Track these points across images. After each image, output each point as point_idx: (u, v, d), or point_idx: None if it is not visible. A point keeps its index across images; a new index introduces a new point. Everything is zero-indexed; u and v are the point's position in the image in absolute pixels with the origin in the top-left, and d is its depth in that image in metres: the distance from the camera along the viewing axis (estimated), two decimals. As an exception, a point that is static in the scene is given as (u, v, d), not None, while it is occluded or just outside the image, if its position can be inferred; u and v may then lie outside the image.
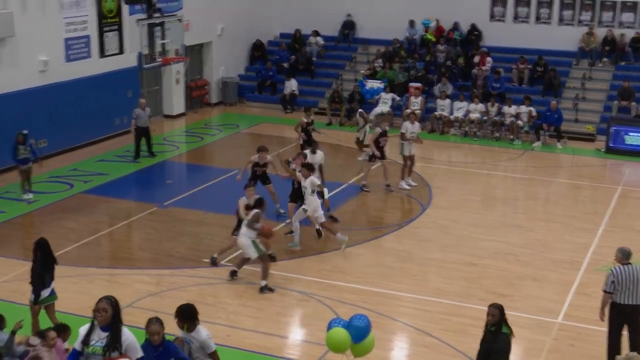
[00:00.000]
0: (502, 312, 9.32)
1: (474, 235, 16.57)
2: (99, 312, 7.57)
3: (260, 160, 17.02)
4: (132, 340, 7.70)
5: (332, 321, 9.64)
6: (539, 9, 28.17)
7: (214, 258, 14.77)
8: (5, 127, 19.17)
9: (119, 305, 7.71)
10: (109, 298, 7.68)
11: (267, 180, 17.23)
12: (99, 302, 7.65)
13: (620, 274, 10.78)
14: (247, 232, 13.71)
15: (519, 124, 24.45)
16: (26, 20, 20.40)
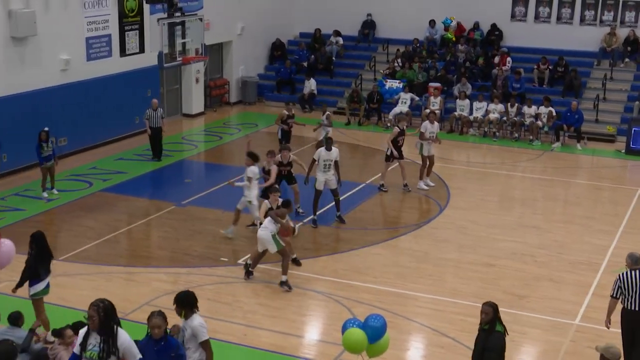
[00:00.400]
0: (496, 310, 9.30)
1: (492, 236, 16.52)
2: (89, 318, 7.58)
3: (283, 160, 17.01)
4: (128, 344, 7.67)
5: (347, 321, 9.64)
6: (561, 9, 28.02)
7: (248, 264, 14.43)
8: (27, 126, 19.33)
9: (111, 308, 7.63)
10: (97, 304, 7.59)
11: (293, 180, 17.22)
12: (89, 307, 7.62)
13: (626, 280, 10.69)
14: (269, 226, 13.72)
15: (539, 125, 24.33)
16: (48, 19, 20.56)
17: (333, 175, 16.89)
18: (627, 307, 10.77)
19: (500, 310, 9.67)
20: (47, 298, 12.64)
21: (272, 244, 13.70)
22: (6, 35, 19.56)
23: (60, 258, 14.99)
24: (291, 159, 17.12)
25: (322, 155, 16.85)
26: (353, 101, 26.58)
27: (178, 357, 8.27)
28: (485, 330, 9.30)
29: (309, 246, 15.94)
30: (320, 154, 16.89)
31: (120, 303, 12.99)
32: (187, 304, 8.78)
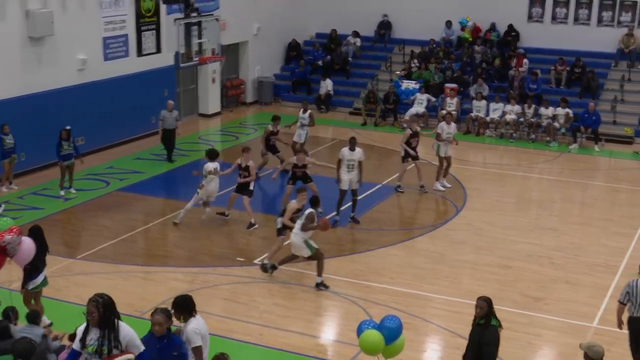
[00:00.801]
0: (490, 304, 9.33)
1: (508, 238, 16.47)
2: (88, 314, 7.47)
3: (298, 162, 17.04)
4: (132, 337, 7.60)
5: (362, 323, 9.63)
6: (578, 10, 27.89)
7: (265, 265, 14.48)
8: (44, 125, 19.44)
9: (110, 303, 7.53)
10: (96, 300, 7.47)
11: (309, 179, 17.25)
12: (87, 303, 7.50)
13: (635, 287, 10.63)
14: (300, 232, 13.69)
15: (556, 126, 24.23)
16: (66, 19, 20.67)
17: (356, 176, 16.88)
18: (633, 314, 10.72)
19: (516, 312, 9.69)
20: (64, 296, 12.76)
21: (305, 249, 13.66)
22: (24, 35, 19.67)
23: (78, 257, 15.09)
24: (307, 162, 17.14)
25: (346, 155, 16.84)
26: (369, 102, 26.56)
27: (180, 356, 8.11)
28: (481, 325, 9.34)
29: (325, 247, 15.85)
30: (344, 154, 16.87)
31: (138, 302, 13.10)
32: (185, 308, 8.56)
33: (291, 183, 17.12)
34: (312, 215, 13.69)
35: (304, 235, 13.66)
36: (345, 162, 16.82)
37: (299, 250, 13.77)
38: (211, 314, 12.83)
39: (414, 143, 19.02)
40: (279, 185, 20.18)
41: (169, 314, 8.14)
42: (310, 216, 13.66)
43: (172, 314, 8.28)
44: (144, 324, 12.19)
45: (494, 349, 9.23)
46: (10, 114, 19.17)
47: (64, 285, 13.76)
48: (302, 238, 13.65)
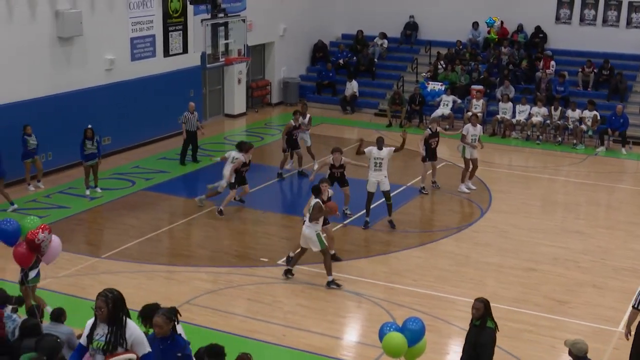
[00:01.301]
0: (487, 306, 9.30)
1: (534, 241, 16.36)
2: (97, 309, 7.30)
3: (335, 162, 16.93)
4: (138, 335, 7.40)
5: (383, 325, 9.57)
6: (607, 12, 27.65)
7: (289, 257, 14.67)
8: (72, 124, 19.58)
9: (120, 299, 7.36)
10: (106, 295, 7.30)
11: (345, 182, 17.13)
12: (96, 298, 7.33)
13: None
14: (312, 224, 13.76)
15: (583, 129, 24.04)
16: (94, 19, 20.84)
17: (385, 177, 16.72)
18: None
19: (540, 316, 9.62)
20: (89, 295, 12.80)
21: (316, 242, 13.69)
22: (53, 35, 19.86)
23: (103, 256, 15.21)
24: (343, 162, 16.95)
25: (374, 153, 16.71)
26: (395, 103, 26.51)
27: (185, 357, 7.97)
28: (477, 326, 9.32)
29: (348, 248, 15.93)
30: (372, 153, 16.74)
31: (162, 301, 13.06)
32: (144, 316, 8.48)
33: (329, 184, 16.88)
34: (318, 204, 13.76)
35: (317, 227, 13.73)
36: (373, 161, 16.68)
37: (308, 242, 13.78)
38: (234, 314, 12.92)
39: (433, 143, 18.96)
40: (299, 186, 20.23)
41: (170, 316, 7.97)
42: (317, 206, 13.72)
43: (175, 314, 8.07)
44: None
45: (490, 351, 9.21)
46: (39, 113, 19.37)
47: (89, 284, 13.87)
48: (314, 230, 13.70)
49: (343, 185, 17.15)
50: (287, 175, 20.35)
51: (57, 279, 13.72)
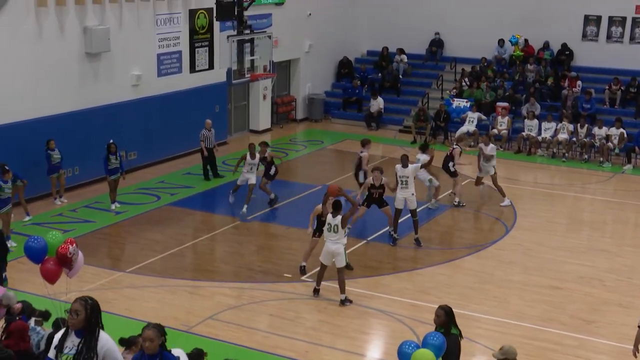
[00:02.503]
0: (449, 313, 9.28)
1: (559, 259, 16.23)
2: (71, 314, 6.67)
3: (375, 182, 16.67)
4: (110, 348, 6.79)
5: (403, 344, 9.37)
6: (634, 29, 27.48)
7: (303, 267, 14.97)
8: (99, 139, 19.73)
9: (97, 308, 6.80)
10: (85, 299, 6.75)
11: (384, 203, 16.83)
12: (73, 302, 6.76)
13: None
14: (341, 239, 13.81)
15: (610, 146, 23.85)
16: (122, 35, 21.06)
17: (412, 195, 16.70)
18: None
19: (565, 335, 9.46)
20: (113, 309, 12.90)
21: (343, 258, 13.79)
22: (81, 51, 20.09)
23: (128, 270, 15.28)
24: (383, 182, 16.70)
25: (398, 171, 16.79)
26: (419, 120, 26.48)
27: None
28: (441, 334, 9.18)
29: (372, 264, 15.89)
30: (397, 171, 16.84)
31: (185, 316, 13.22)
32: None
33: (366, 205, 16.86)
34: (344, 219, 13.83)
35: (345, 241, 13.87)
36: (399, 179, 16.75)
37: (332, 258, 13.83)
38: (257, 330, 12.92)
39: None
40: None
41: (162, 330, 7.37)
42: (343, 220, 13.78)
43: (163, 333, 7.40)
44: (191, 338, 12.34)
45: (456, 358, 9.11)
46: (67, 128, 19.58)
47: (113, 297, 13.94)
48: (343, 245, 13.81)
49: (382, 206, 16.86)
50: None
51: (81, 293, 13.74)
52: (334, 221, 13.80)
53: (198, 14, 23.42)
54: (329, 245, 13.85)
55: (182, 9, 22.93)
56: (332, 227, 13.81)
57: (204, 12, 23.52)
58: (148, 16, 21.93)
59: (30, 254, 10.44)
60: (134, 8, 21.46)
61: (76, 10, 19.84)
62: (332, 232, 13.83)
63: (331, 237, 13.84)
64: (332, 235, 13.82)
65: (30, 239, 10.51)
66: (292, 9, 27.27)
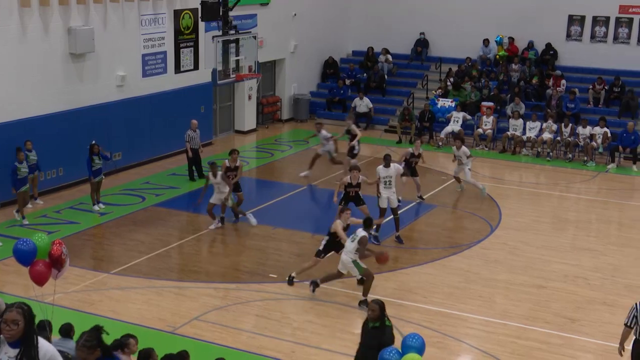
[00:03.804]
0: (383, 307, 9.45)
1: (544, 258, 16.29)
2: (8, 324, 5.94)
3: (352, 181, 16.77)
4: (53, 354, 6.19)
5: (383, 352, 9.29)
6: (617, 29, 27.65)
7: (291, 277, 14.65)
8: (84, 140, 19.63)
9: (32, 314, 6.14)
10: (21, 306, 6.00)
11: (361, 201, 16.95)
12: (7, 312, 6.04)
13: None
14: (352, 252, 13.55)
15: (594, 146, 23.98)
16: (106, 36, 20.98)
17: (394, 193, 16.93)
18: (639, 337, 10.44)
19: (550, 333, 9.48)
20: (99, 310, 12.84)
21: (354, 269, 13.58)
22: (65, 51, 19.99)
23: (113, 271, 15.22)
24: (361, 180, 16.83)
25: (381, 172, 16.88)
26: (404, 119, 26.52)
27: None
28: (377, 328, 9.42)
29: (358, 264, 15.89)
30: (379, 172, 16.91)
31: (170, 317, 13.18)
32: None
33: (342, 204, 16.73)
34: (365, 239, 13.52)
35: (354, 256, 13.55)
36: (382, 180, 16.81)
37: (346, 269, 13.65)
38: (243, 330, 12.90)
39: (414, 163, 19.43)
40: (309, 202, 20.24)
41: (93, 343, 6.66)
42: (363, 240, 13.47)
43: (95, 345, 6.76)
44: (177, 339, 12.32)
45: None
46: (51, 129, 19.49)
47: (98, 299, 13.89)
48: (351, 257, 13.56)
49: (359, 204, 16.92)
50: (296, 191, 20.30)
51: (66, 295, 13.74)
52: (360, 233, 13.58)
53: (183, 15, 23.38)
54: (342, 255, 13.74)
55: (167, 10, 22.88)
56: (354, 240, 13.61)
57: (189, 12, 23.48)
58: (133, 16, 21.85)
59: (20, 256, 10.39)
60: (119, 8, 21.39)
61: (60, 11, 19.75)
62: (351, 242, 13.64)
63: (348, 248, 13.65)
64: (349, 244, 13.63)
65: (19, 242, 10.45)
66: (278, 9, 27.26)
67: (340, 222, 14.30)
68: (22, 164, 17.49)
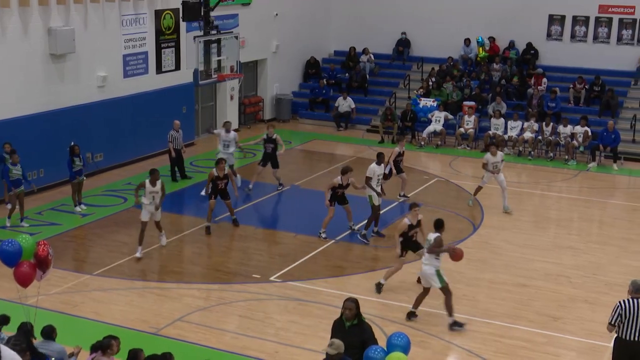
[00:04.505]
0: (358, 305, 9.45)
1: (526, 257, 16.36)
2: None
3: (343, 182, 16.95)
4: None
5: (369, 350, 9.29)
6: (597, 28, 27.83)
7: (380, 284, 14.48)
8: (65, 141, 19.51)
9: None
10: None
11: (345, 200, 17.21)
12: None
13: (627, 308, 10.35)
14: (432, 261, 13.07)
15: (575, 144, 24.11)
16: (87, 36, 20.86)
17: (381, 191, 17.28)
18: (623, 336, 10.41)
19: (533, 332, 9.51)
20: (81, 312, 12.77)
21: (435, 280, 13.03)
22: (45, 52, 19.86)
23: (95, 272, 15.14)
24: (350, 182, 17.03)
25: (376, 170, 17.05)
26: (387, 119, 26.55)
27: None
28: (356, 325, 9.40)
29: (341, 264, 15.91)
30: (374, 170, 17.04)
31: (153, 318, 13.13)
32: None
33: (332, 205, 16.99)
34: (439, 239, 13.07)
35: (437, 264, 13.06)
36: (376, 177, 17.04)
37: (429, 281, 13.13)
38: (226, 331, 12.87)
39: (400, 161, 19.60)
40: (292, 202, 20.21)
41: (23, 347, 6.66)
42: (438, 240, 13.05)
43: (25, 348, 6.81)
44: (159, 341, 12.27)
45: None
46: (31, 130, 19.37)
47: (80, 301, 13.82)
48: (434, 267, 13.02)
49: (343, 203, 17.22)
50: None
51: (48, 296, 13.65)
52: (432, 237, 13.21)
53: (164, 15, 23.29)
54: (423, 267, 13.21)
55: (148, 10, 22.78)
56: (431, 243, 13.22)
57: (170, 12, 23.40)
58: (113, 17, 21.74)
59: (5, 257, 10.33)
60: (99, 9, 21.27)
61: (40, 11, 19.62)
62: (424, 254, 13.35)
63: (425, 257, 13.23)
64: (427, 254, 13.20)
65: (4, 243, 10.39)
66: (259, 9, 27.21)
67: (407, 220, 14.24)
68: (15, 166, 17.40)
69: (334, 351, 8.55)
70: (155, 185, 16.11)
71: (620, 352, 10.56)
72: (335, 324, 9.64)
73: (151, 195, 16.06)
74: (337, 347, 8.58)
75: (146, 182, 16.12)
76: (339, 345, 8.58)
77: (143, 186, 16.15)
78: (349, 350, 9.15)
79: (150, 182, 16.06)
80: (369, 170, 17.12)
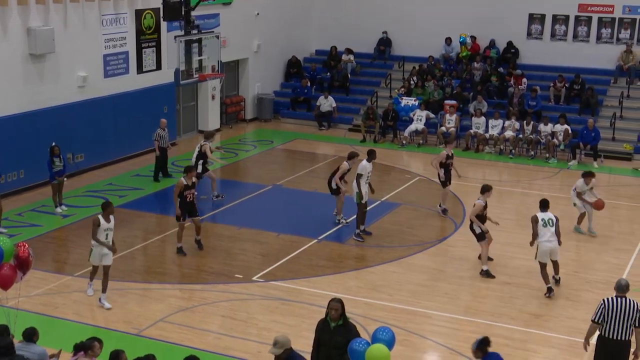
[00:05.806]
0: (343, 305, 9.47)
1: (508, 254, 16.43)
2: None
3: (351, 166, 17.60)
4: None
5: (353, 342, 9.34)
6: (577, 27, 28.00)
7: (485, 270, 15.25)
8: (44, 142, 19.38)
9: None
10: None
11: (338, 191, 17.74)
12: None
13: (610, 306, 10.41)
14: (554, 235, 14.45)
15: (555, 143, 24.25)
16: (67, 36, 20.74)
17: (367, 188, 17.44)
18: (606, 335, 10.47)
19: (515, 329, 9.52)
20: (62, 314, 12.70)
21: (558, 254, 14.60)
22: (25, 52, 19.73)
23: (76, 274, 15.06)
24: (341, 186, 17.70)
25: (367, 168, 17.11)
26: (368, 118, 26.59)
27: None
28: (341, 326, 9.38)
29: (323, 263, 15.91)
30: (366, 167, 17.10)
31: (135, 319, 13.09)
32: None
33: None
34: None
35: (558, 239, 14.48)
36: (366, 175, 17.11)
37: (555, 255, 14.53)
38: (209, 331, 12.85)
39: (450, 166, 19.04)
40: (274, 202, 20.18)
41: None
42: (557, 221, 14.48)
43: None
44: (142, 342, 12.23)
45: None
46: (11, 130, 19.24)
47: (61, 302, 13.74)
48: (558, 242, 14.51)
49: (337, 193, 17.71)
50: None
51: (29, 298, 13.57)
52: (551, 216, 14.62)
53: (145, 14, 23.21)
54: (549, 244, 14.42)
55: (128, 9, 22.69)
56: (547, 221, 14.54)
57: (151, 12, 23.32)
58: (93, 16, 21.63)
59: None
60: (79, 8, 21.17)
61: (19, 11, 19.49)
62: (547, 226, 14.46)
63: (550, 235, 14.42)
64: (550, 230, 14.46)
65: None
66: (240, 9, 27.17)
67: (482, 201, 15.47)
68: None
69: (278, 350, 8.57)
70: (110, 221, 13.76)
71: (603, 350, 10.60)
72: (320, 324, 9.61)
73: (105, 234, 13.68)
74: (281, 345, 8.58)
75: (100, 218, 13.70)
76: (283, 343, 8.58)
77: (97, 224, 13.65)
78: (333, 351, 9.16)
79: (103, 217, 13.68)
80: (360, 167, 17.13)
